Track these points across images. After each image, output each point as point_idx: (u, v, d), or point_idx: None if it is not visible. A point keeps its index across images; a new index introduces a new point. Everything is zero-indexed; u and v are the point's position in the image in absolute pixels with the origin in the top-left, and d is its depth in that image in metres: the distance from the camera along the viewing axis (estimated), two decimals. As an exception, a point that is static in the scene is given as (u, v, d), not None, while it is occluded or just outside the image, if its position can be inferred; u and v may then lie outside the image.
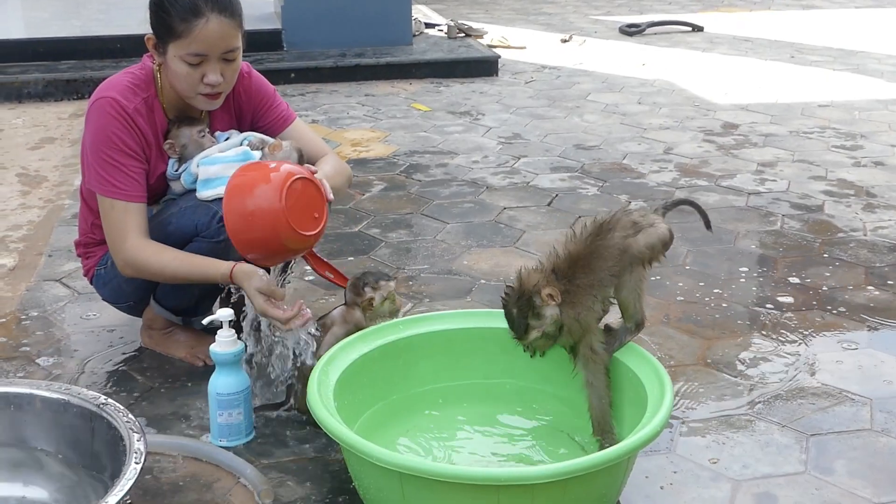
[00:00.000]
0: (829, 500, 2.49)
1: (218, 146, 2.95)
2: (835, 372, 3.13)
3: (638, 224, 2.59)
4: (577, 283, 2.52)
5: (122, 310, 3.24)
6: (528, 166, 5.39)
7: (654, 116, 6.58)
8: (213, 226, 2.85)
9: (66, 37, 7.73)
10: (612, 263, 2.54)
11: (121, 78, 2.92)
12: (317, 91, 7.30)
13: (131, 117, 2.86)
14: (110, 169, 2.85)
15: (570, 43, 9.42)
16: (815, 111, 6.70)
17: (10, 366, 3.15)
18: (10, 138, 6.00)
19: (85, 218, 3.12)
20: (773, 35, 9.84)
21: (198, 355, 3.14)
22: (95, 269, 3.13)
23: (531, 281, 2.51)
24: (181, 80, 2.85)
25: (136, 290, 3.10)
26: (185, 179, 2.95)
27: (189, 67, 2.81)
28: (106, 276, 3.10)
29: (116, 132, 2.85)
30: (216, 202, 2.85)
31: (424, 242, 4.24)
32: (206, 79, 2.83)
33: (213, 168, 2.88)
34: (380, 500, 2.34)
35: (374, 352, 2.71)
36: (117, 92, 2.87)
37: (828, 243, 4.23)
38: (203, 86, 2.85)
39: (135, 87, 2.90)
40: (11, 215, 4.57)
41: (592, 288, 2.53)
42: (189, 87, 2.86)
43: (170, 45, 2.81)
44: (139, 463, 2.17)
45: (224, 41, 2.81)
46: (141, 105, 2.89)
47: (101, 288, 3.17)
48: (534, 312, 2.50)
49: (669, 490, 2.53)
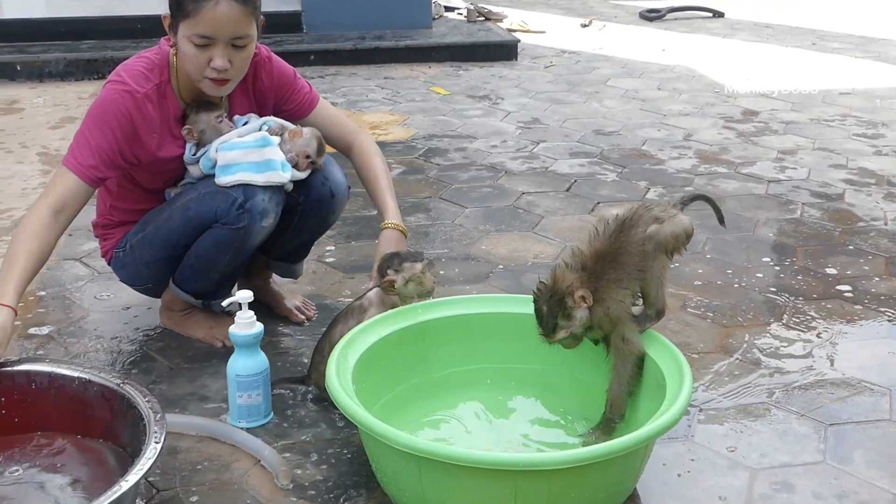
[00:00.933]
0: (847, 490, 2.48)
1: (236, 131, 2.95)
2: (854, 361, 3.12)
3: (659, 219, 2.59)
4: (605, 278, 2.52)
5: (141, 291, 3.25)
6: (546, 151, 5.38)
7: (674, 102, 6.56)
8: (233, 213, 2.86)
9: (87, 16, 7.73)
10: (638, 259, 2.54)
11: (135, 63, 2.91)
12: (336, 73, 7.30)
13: (139, 104, 2.83)
14: (81, 140, 2.82)
15: (589, 27, 9.40)
16: (836, 99, 6.67)
17: (31, 344, 3.17)
18: (31, 117, 6.01)
19: (103, 200, 3.13)
20: (794, 21, 9.79)
21: (216, 336, 3.15)
22: (114, 251, 3.14)
23: (565, 281, 2.50)
24: (188, 61, 2.82)
25: (154, 274, 3.11)
26: (204, 164, 2.95)
27: (196, 49, 2.78)
28: (124, 258, 3.11)
29: (111, 110, 2.81)
30: (236, 188, 2.85)
31: (443, 227, 4.24)
32: (213, 63, 2.79)
33: (232, 153, 2.88)
34: (397, 483, 2.34)
35: (393, 335, 2.72)
36: (129, 77, 2.85)
37: (848, 232, 4.21)
38: (209, 70, 2.80)
39: (148, 72, 2.88)
40: (32, 194, 4.59)
41: (621, 282, 2.53)
42: (196, 70, 2.82)
43: (181, 24, 2.79)
44: (159, 442, 2.19)
45: (233, 26, 2.76)
46: (152, 91, 2.87)
47: (120, 270, 3.18)
48: (564, 313, 2.50)
49: (687, 478, 2.53)
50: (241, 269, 3.14)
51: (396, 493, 2.37)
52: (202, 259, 2.99)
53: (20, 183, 4.75)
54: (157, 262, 3.04)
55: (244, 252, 2.97)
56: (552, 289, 2.51)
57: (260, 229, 2.91)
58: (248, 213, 2.87)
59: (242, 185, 2.85)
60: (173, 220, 2.95)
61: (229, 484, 2.48)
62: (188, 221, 2.93)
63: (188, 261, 3.03)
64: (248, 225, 2.87)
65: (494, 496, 2.19)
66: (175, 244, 2.99)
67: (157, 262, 3.04)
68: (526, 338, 2.79)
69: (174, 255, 3.03)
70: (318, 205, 3.10)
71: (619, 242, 2.55)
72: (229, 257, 2.97)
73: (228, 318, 2.86)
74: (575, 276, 2.50)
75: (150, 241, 3.02)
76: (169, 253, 3.02)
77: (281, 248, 3.21)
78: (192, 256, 3.01)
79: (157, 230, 3.00)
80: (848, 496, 2.46)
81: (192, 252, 3.00)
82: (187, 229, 2.94)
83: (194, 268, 3.03)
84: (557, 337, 2.53)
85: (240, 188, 2.84)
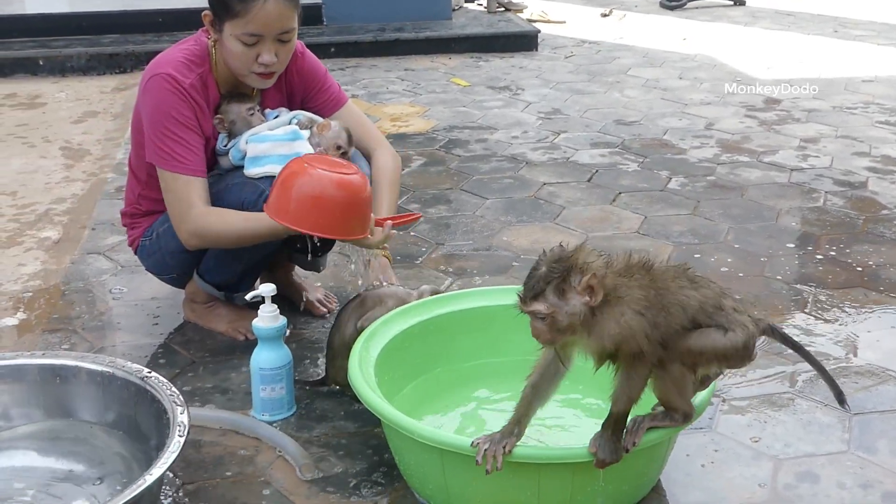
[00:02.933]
0: (871, 480, 2.47)
1: (267, 124, 2.97)
2: (878, 350, 3.10)
3: (724, 313, 2.18)
4: (634, 281, 2.11)
5: (165, 281, 3.26)
6: (567, 142, 5.36)
7: (696, 91, 6.53)
8: (260, 204, 2.86)
9: (109, 11, 7.74)
10: (677, 316, 2.13)
11: (175, 53, 2.94)
12: (356, 65, 7.30)
13: (188, 92, 2.88)
14: (171, 143, 2.87)
15: (610, 17, 9.36)
16: (858, 86, 6.62)
17: (55, 338, 3.18)
18: (53, 112, 6.04)
19: (132, 189, 3.14)
20: (815, 9, 9.72)
21: (239, 329, 3.16)
22: (140, 240, 3.16)
23: (586, 258, 2.07)
24: (236, 58, 2.87)
25: (179, 264, 3.12)
26: (234, 156, 2.97)
27: (244, 47, 2.83)
28: (151, 247, 3.13)
29: (176, 106, 2.87)
30: (263, 180, 2.86)
31: (464, 218, 4.24)
32: (261, 58, 2.85)
33: (262, 146, 2.90)
34: (420, 475, 2.35)
35: (415, 327, 2.72)
36: (172, 68, 2.89)
37: (871, 220, 4.18)
38: (257, 65, 2.87)
39: (190, 62, 2.92)
40: (55, 188, 4.61)
41: (647, 300, 2.10)
42: (243, 66, 2.88)
43: (226, 23, 2.83)
44: (182, 436, 2.20)
45: (280, 22, 2.82)
46: (196, 81, 2.91)
47: (146, 259, 3.19)
48: (560, 287, 2.04)
49: (710, 468, 2.52)
50: (264, 262, 3.15)
51: (419, 485, 2.38)
52: (226, 249, 3.00)
53: (43, 178, 4.77)
54: (183, 251, 3.05)
55: (267, 245, 2.97)
56: (565, 256, 2.06)
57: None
58: (268, 179, 2.87)
59: (269, 177, 2.85)
60: None
61: (252, 477, 2.48)
62: None
63: (213, 252, 3.04)
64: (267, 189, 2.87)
65: (518, 489, 2.19)
66: None
67: (183, 251, 3.05)
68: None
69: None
70: None
71: (676, 285, 2.16)
72: (251, 249, 2.97)
73: (251, 311, 2.87)
74: (600, 264, 2.08)
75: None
76: None
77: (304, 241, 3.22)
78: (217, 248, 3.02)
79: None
80: (872, 486, 2.45)
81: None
82: None
83: (218, 258, 3.05)
84: (533, 307, 2.05)
85: (266, 180, 2.85)
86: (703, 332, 2.14)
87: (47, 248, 3.91)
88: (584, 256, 2.07)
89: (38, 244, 3.96)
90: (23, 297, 3.48)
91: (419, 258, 3.79)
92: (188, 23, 3.03)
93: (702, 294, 2.16)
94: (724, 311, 2.16)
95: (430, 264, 3.74)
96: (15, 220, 4.22)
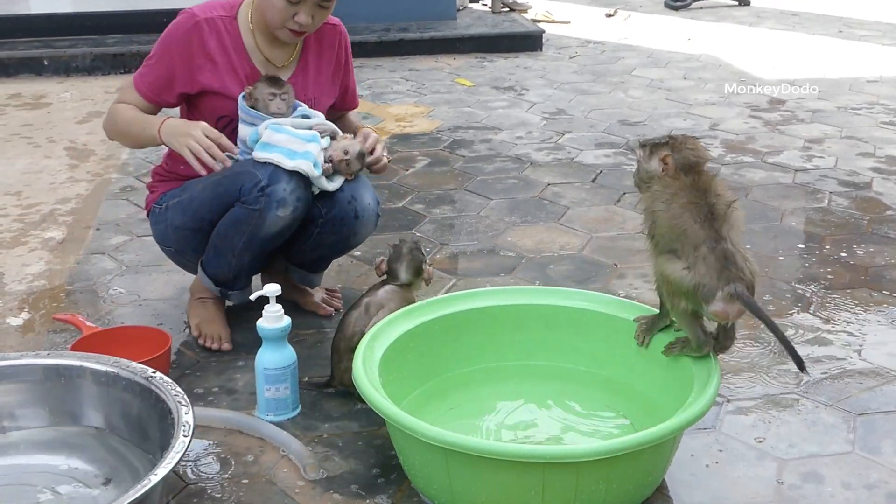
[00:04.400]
0: (876, 480, 2.47)
1: (291, 119, 2.98)
2: (883, 351, 3.10)
3: (696, 253, 2.38)
4: (681, 180, 2.45)
5: (165, 253, 3.29)
6: (572, 142, 5.36)
7: (700, 92, 6.53)
8: (254, 193, 2.88)
9: (114, 11, 7.76)
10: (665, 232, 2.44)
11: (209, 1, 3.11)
12: (361, 66, 7.29)
13: (195, 27, 3.00)
14: (148, 62, 3.07)
15: (614, 17, 9.36)
16: (863, 87, 6.62)
17: (60, 338, 3.19)
18: (58, 112, 6.05)
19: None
20: (820, 9, 9.72)
21: (202, 331, 3.16)
22: (154, 204, 3.21)
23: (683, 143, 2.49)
24: (274, 12, 2.94)
25: (179, 240, 3.15)
26: (251, 136, 2.97)
27: (286, 3, 2.91)
28: (159, 215, 3.18)
29: (175, 35, 3.02)
30: (263, 170, 2.88)
31: (468, 218, 4.24)
32: (298, 17, 2.93)
33: (278, 136, 2.92)
34: (425, 475, 2.35)
35: (419, 328, 2.72)
36: (199, 7, 3.04)
37: (876, 221, 4.18)
38: (292, 22, 2.95)
39: (219, 6, 3.07)
40: (60, 189, 4.62)
41: (668, 197, 2.45)
42: (279, 20, 2.95)
43: None
44: (187, 436, 2.20)
45: None
46: (216, 19, 3.03)
47: (153, 225, 3.24)
48: (652, 150, 2.51)
49: (715, 468, 2.52)
50: (258, 263, 3.15)
51: (424, 485, 2.38)
52: (222, 238, 3.02)
53: (48, 177, 4.78)
54: (185, 230, 3.09)
55: (258, 239, 2.96)
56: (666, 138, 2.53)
57: (275, 218, 2.91)
58: (265, 197, 2.88)
59: (271, 167, 2.88)
60: (205, 193, 3.01)
61: (257, 477, 2.49)
62: (217, 196, 2.98)
63: (212, 240, 3.06)
64: (264, 209, 2.88)
65: (522, 488, 2.19)
66: (202, 217, 3.03)
67: (185, 230, 3.09)
68: (553, 330, 2.80)
69: (201, 228, 3.06)
70: (340, 223, 3.08)
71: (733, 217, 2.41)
72: (244, 240, 2.97)
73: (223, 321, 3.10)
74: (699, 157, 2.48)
75: (183, 207, 3.08)
76: (197, 224, 3.06)
77: (300, 256, 3.22)
78: (215, 235, 3.04)
79: (191, 199, 3.05)
80: (878, 486, 2.45)
81: (215, 230, 3.04)
82: (215, 204, 2.99)
83: (216, 247, 3.06)
84: (636, 151, 2.59)
85: (266, 171, 2.87)
86: (671, 257, 2.41)
87: (52, 249, 3.92)
88: (683, 142, 2.49)
89: (42, 244, 3.96)
90: (27, 298, 3.48)
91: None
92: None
93: (704, 231, 2.35)
94: (698, 251, 2.34)
95: (434, 265, 3.73)
96: (20, 220, 4.23)
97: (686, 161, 2.46)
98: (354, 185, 3.07)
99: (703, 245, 2.34)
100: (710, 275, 2.33)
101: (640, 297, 3.34)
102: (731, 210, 2.40)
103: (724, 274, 2.32)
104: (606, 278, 3.62)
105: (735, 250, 2.35)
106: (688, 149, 2.47)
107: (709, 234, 2.35)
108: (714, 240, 2.34)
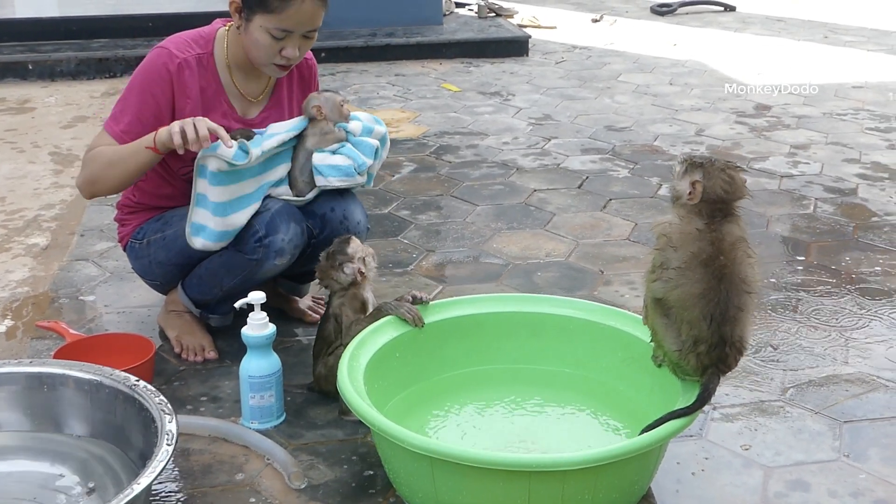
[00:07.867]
0: (862, 488, 2.47)
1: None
2: (869, 358, 3.10)
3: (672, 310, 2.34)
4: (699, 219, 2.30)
5: (150, 285, 3.25)
6: (558, 148, 5.36)
7: (686, 97, 6.54)
8: (251, 244, 2.90)
9: (99, 15, 7.74)
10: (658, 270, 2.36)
11: (183, 34, 3.01)
12: (347, 71, 7.29)
13: (177, 68, 2.91)
14: (121, 104, 2.94)
15: (600, 23, 9.38)
16: (849, 92, 6.64)
17: (43, 345, 3.16)
18: (42, 117, 6.02)
19: None
20: (806, 15, 9.75)
21: (183, 343, 3.14)
22: (130, 239, 3.16)
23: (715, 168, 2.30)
24: (260, 49, 2.89)
25: (164, 275, 3.13)
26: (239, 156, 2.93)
27: (272, 40, 2.86)
28: (139, 251, 3.12)
29: (151, 76, 2.91)
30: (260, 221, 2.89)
31: (454, 224, 4.23)
32: (285, 52, 2.88)
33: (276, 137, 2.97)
34: (410, 484, 2.34)
35: (404, 336, 2.71)
36: (173, 44, 2.95)
37: (862, 227, 4.19)
38: (280, 57, 2.90)
39: (193, 42, 2.98)
40: (44, 194, 4.59)
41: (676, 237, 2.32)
42: (265, 57, 2.91)
43: (258, 15, 2.84)
44: (171, 444, 2.18)
45: (312, 21, 2.88)
46: (192, 59, 2.95)
47: (133, 260, 3.19)
48: (688, 170, 2.33)
49: (701, 476, 2.52)
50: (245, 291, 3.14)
51: (409, 494, 2.37)
52: (211, 274, 3.02)
53: (32, 183, 4.75)
54: (170, 265, 3.06)
55: (252, 280, 2.95)
56: (715, 163, 2.33)
57: (272, 266, 2.93)
58: (264, 248, 2.89)
59: (267, 218, 2.89)
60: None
61: (241, 485, 2.47)
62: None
63: (198, 270, 3.05)
64: (262, 259, 2.89)
65: (508, 497, 2.18)
66: (190, 255, 3.00)
67: (170, 265, 3.06)
68: (539, 337, 2.80)
69: (188, 264, 3.05)
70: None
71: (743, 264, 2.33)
72: (237, 281, 2.97)
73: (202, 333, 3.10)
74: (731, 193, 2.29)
75: (168, 245, 3.04)
76: (184, 261, 3.04)
77: (290, 270, 3.20)
78: (203, 268, 3.03)
79: (175, 237, 3.00)
80: (863, 494, 2.45)
81: (204, 264, 3.03)
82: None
83: (202, 279, 3.05)
84: (675, 167, 2.41)
85: (263, 222, 2.87)
86: (669, 323, 2.33)
87: (36, 255, 3.90)
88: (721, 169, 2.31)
89: (26, 250, 3.94)
90: (10, 304, 3.46)
91: (410, 265, 3.79)
92: (178, 27, 3.01)
93: (709, 329, 2.27)
94: (697, 347, 2.29)
95: (420, 271, 3.73)
96: (3, 226, 4.21)
97: (714, 192, 2.29)
98: (345, 204, 3.08)
99: (702, 344, 2.28)
100: (697, 365, 2.32)
101: (626, 304, 3.34)
102: (745, 266, 2.33)
103: (710, 370, 2.31)
104: (592, 285, 3.61)
105: (731, 338, 2.29)
106: (723, 179, 2.29)
107: (713, 331, 2.27)
108: (715, 345, 2.28)
